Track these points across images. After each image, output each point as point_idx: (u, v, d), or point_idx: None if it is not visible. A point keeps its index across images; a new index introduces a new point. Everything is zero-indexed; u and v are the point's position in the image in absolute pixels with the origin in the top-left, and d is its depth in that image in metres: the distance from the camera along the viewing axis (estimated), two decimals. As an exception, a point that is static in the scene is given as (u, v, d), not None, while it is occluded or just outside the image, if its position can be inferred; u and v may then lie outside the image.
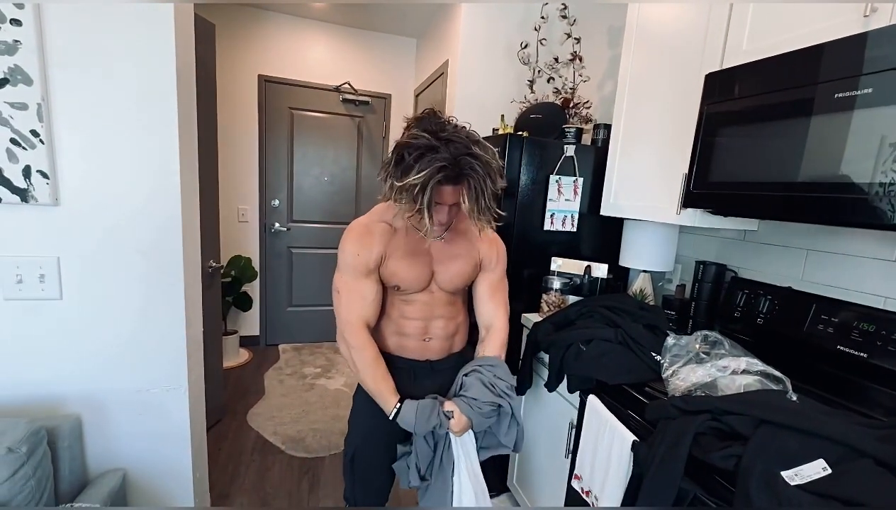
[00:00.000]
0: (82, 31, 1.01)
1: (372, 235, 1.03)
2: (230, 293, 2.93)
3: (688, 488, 0.84)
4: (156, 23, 1.07)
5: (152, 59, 1.08)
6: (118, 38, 1.04)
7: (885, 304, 1.07)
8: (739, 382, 1.01)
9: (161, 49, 1.08)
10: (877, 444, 0.73)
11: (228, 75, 2.87)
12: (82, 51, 1.02)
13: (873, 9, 0.87)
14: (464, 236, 1.12)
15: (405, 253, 1.05)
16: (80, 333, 1.12)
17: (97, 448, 1.18)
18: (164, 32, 1.08)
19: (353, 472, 1.17)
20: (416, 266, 1.06)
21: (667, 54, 1.41)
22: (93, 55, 1.03)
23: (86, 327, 1.12)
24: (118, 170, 1.09)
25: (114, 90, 1.06)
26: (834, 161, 0.88)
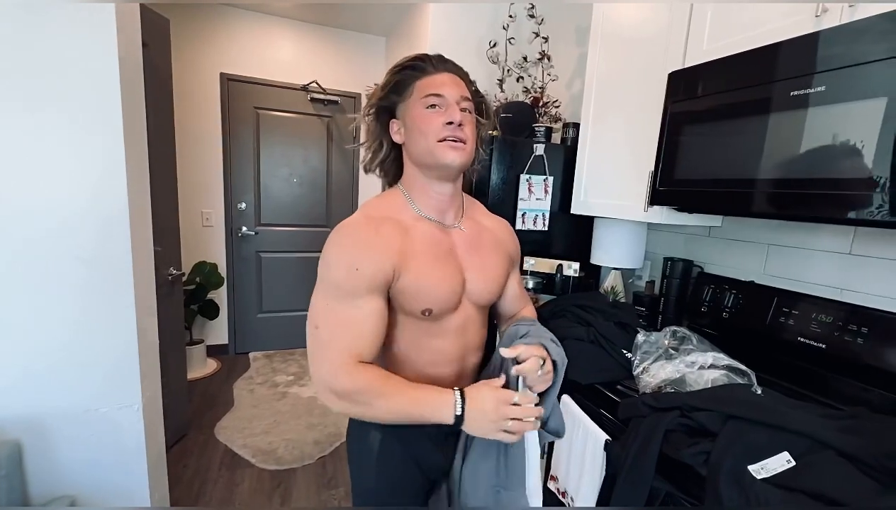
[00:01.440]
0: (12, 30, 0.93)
1: (378, 237, 0.73)
2: (195, 301, 2.80)
3: (660, 486, 0.84)
4: (95, 14, 0.99)
5: (91, 54, 1.00)
6: (50, 30, 0.96)
7: (841, 296, 1.11)
8: (707, 377, 1.02)
9: (101, 43, 1.01)
10: (837, 435, 0.74)
11: (188, 74, 2.75)
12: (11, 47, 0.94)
13: (824, 9, 0.89)
14: (485, 225, 0.91)
15: (429, 258, 0.77)
16: (16, 352, 1.03)
17: (41, 474, 1.09)
18: (104, 25, 1.00)
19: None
20: (448, 275, 0.78)
21: (631, 53, 1.42)
22: (19, 48, 0.95)
23: (23, 345, 1.03)
24: (52, 172, 1.01)
25: (46, 88, 0.98)
26: (790, 158, 0.90)
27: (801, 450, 0.74)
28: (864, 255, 1.07)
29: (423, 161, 0.79)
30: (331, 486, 1.90)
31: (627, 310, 1.37)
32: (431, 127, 0.76)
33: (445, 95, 0.76)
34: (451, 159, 0.76)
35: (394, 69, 0.81)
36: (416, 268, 0.75)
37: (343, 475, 1.98)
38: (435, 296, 0.76)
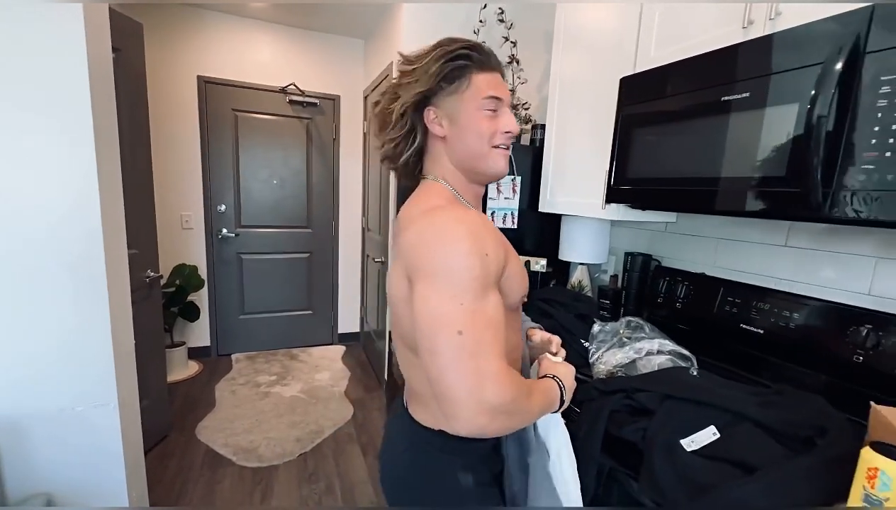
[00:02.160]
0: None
1: (482, 218, 0.69)
2: (175, 303, 2.80)
3: (605, 463, 0.91)
4: (64, 23, 1.02)
5: (60, 61, 1.03)
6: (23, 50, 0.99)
7: (777, 285, 1.20)
8: (655, 362, 1.10)
9: (70, 50, 1.04)
10: (756, 409, 0.82)
11: (164, 77, 2.75)
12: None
13: (750, 21, 0.97)
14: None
15: (508, 247, 0.73)
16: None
17: (18, 473, 1.11)
18: (72, 34, 1.03)
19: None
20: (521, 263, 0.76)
21: (591, 57, 1.50)
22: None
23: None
24: (33, 183, 1.03)
25: (15, 96, 1.00)
26: (725, 159, 0.98)
27: (725, 423, 0.82)
28: (798, 247, 1.16)
29: (469, 164, 0.74)
30: (312, 481, 1.94)
31: (588, 303, 1.45)
32: (490, 131, 0.71)
33: (503, 99, 0.73)
34: (502, 168, 0.75)
35: (446, 55, 0.70)
36: (511, 254, 0.72)
37: (324, 470, 2.02)
38: (523, 283, 0.75)
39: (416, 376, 0.75)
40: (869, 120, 0.74)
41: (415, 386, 0.77)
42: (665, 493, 0.77)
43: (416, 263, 0.63)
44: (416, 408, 0.78)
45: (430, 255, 0.62)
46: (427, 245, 0.62)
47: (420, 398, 0.76)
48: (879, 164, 0.73)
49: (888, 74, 0.71)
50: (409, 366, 0.76)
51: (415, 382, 0.76)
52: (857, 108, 0.75)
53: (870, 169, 0.74)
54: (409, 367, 0.76)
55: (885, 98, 0.72)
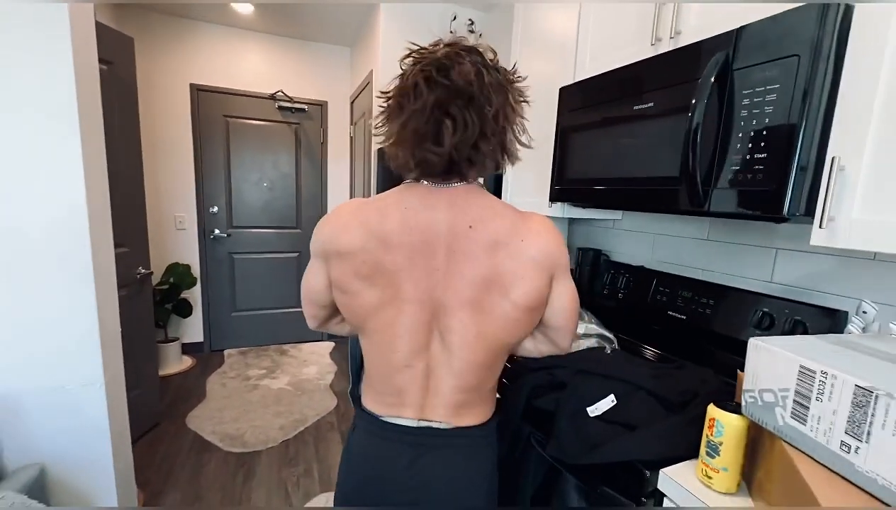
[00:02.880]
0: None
1: None
2: (169, 300, 2.94)
3: (525, 429, 1.03)
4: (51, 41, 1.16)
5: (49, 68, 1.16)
6: (16, 67, 1.13)
7: (702, 275, 1.32)
8: (585, 344, 1.22)
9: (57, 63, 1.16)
10: (650, 380, 0.93)
11: (158, 85, 2.90)
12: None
13: (658, 38, 1.09)
14: None
15: None
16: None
17: (13, 444, 1.24)
18: (60, 52, 1.16)
19: None
20: None
21: (542, 63, 1.61)
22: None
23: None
24: (22, 187, 1.17)
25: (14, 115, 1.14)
26: (637, 162, 1.10)
27: (622, 392, 0.93)
28: (716, 240, 1.28)
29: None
30: (291, 465, 2.07)
31: (536, 294, 1.56)
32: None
33: None
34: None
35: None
36: None
37: (304, 455, 2.15)
38: None
39: (486, 374, 0.76)
40: (736, 127, 0.86)
41: (478, 384, 0.75)
42: (565, 450, 0.88)
43: (562, 262, 0.74)
44: (477, 411, 0.78)
45: (564, 250, 0.75)
46: (561, 245, 0.74)
47: (483, 388, 0.77)
48: (743, 164, 0.85)
49: (748, 88, 0.83)
50: (486, 367, 0.75)
51: (479, 380, 0.75)
52: (728, 117, 0.87)
53: (736, 169, 0.86)
54: (485, 368, 0.75)
55: (745, 109, 0.84)
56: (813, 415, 0.56)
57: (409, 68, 0.69)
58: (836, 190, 0.74)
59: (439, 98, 0.64)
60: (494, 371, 0.79)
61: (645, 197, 1.08)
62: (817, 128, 0.76)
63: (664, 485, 0.76)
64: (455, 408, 0.74)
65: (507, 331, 0.73)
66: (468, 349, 0.72)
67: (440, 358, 0.73)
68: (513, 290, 0.69)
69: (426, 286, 0.70)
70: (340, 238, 0.70)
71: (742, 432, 0.68)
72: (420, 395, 0.74)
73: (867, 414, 0.49)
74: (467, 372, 0.73)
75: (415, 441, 0.74)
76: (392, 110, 0.70)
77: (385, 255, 0.69)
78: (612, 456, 0.81)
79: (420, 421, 0.75)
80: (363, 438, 0.78)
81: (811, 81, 0.74)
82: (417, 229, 0.69)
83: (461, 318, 0.70)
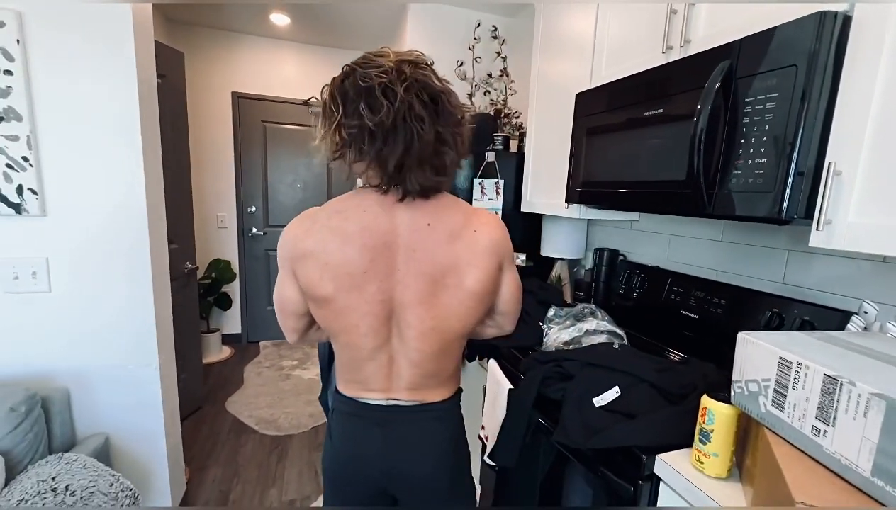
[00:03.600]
0: (58, 74, 1.27)
1: None
2: (210, 294, 3.17)
3: (535, 416, 1.10)
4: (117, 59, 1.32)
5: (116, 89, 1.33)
6: (89, 80, 1.30)
7: (716, 276, 1.34)
8: (596, 339, 1.28)
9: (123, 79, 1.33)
10: (654, 374, 0.98)
11: (204, 95, 3.12)
12: (60, 91, 1.27)
13: (669, 46, 1.13)
14: None
15: None
16: (67, 320, 1.37)
17: (83, 415, 1.42)
18: (125, 67, 1.33)
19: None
20: None
21: (561, 66, 1.67)
22: (68, 94, 1.28)
23: (72, 315, 1.37)
24: (94, 186, 1.34)
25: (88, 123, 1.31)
26: (648, 165, 1.14)
27: (627, 385, 0.99)
28: (730, 241, 1.30)
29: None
30: (320, 449, 2.21)
31: (552, 292, 1.62)
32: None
33: None
34: None
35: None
36: None
37: (332, 441, 2.28)
38: None
39: (444, 361, 0.83)
40: (738, 133, 0.89)
41: (436, 370, 0.83)
42: (570, 436, 0.95)
43: (509, 252, 0.83)
44: (438, 390, 0.85)
45: (510, 245, 0.84)
46: (507, 237, 0.83)
47: (442, 373, 0.84)
48: (745, 169, 0.88)
49: (750, 96, 0.87)
50: (443, 354, 0.81)
51: (438, 365, 0.82)
52: (731, 123, 0.91)
53: (738, 173, 0.89)
54: (442, 356, 0.81)
55: (748, 116, 0.87)
56: (790, 403, 0.60)
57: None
58: (833, 194, 0.77)
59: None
60: (452, 358, 0.85)
61: (657, 199, 1.13)
62: (815, 134, 0.79)
63: (660, 470, 0.81)
64: (416, 389, 0.83)
65: (460, 320, 0.79)
66: (423, 341, 0.78)
67: (399, 349, 0.80)
68: (467, 277, 0.76)
69: (387, 286, 0.75)
70: (305, 241, 0.73)
71: (731, 420, 0.73)
72: (385, 381, 0.82)
73: (833, 400, 0.54)
74: (424, 361, 0.80)
75: (384, 417, 0.83)
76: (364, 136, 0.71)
77: (348, 256, 0.72)
78: (612, 441, 0.87)
79: (388, 400, 0.83)
80: (341, 419, 0.86)
81: (808, 90, 0.77)
82: (379, 232, 0.73)
83: (417, 314, 0.76)
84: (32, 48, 1.23)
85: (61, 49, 1.25)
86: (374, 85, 0.67)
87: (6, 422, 1.15)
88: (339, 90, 0.71)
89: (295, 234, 0.75)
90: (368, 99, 0.68)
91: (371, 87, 0.67)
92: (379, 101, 0.67)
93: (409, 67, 0.70)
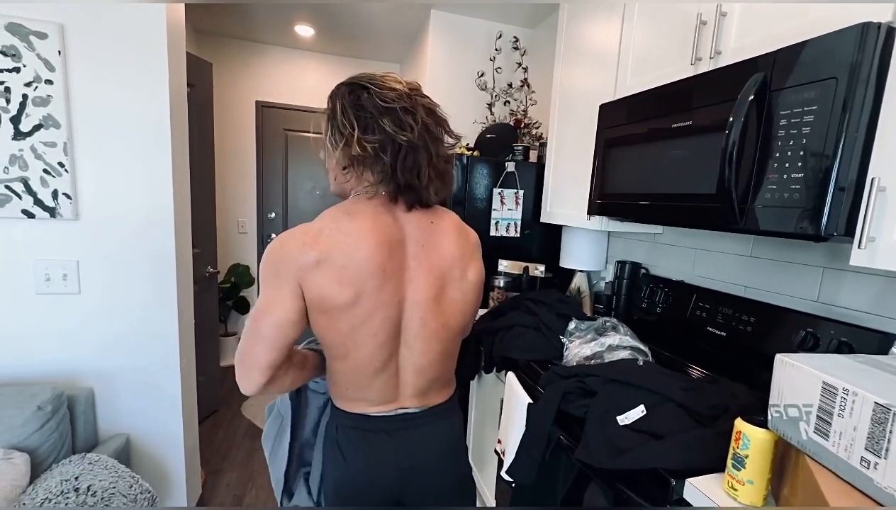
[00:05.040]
0: (95, 84, 1.31)
1: None
2: (230, 297, 3.22)
3: (555, 433, 1.07)
4: (152, 73, 1.36)
5: (148, 100, 1.37)
6: (124, 90, 1.34)
7: (745, 293, 1.29)
8: (619, 355, 1.24)
9: (155, 90, 1.37)
10: (680, 393, 0.95)
11: (230, 103, 3.21)
12: (96, 100, 1.32)
13: (698, 57, 1.11)
14: None
15: None
16: (95, 322, 1.40)
17: (107, 415, 1.45)
18: (157, 76, 1.37)
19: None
20: None
21: (584, 76, 1.66)
22: (104, 103, 1.33)
23: (99, 317, 1.40)
24: (124, 191, 1.38)
25: (120, 131, 1.35)
26: (675, 177, 1.12)
27: (652, 403, 0.96)
28: (760, 257, 1.26)
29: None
30: (334, 457, 2.20)
31: (572, 305, 1.59)
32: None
33: None
34: None
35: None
36: None
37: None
38: None
39: (447, 362, 0.89)
40: (773, 146, 0.87)
41: (440, 374, 0.87)
42: (593, 454, 0.92)
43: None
44: (441, 392, 0.89)
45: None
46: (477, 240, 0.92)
47: (445, 376, 0.90)
48: (780, 183, 0.85)
49: (786, 109, 0.85)
50: (447, 356, 0.87)
51: (443, 368, 0.88)
52: (765, 137, 0.88)
53: (773, 188, 0.87)
54: (446, 357, 0.87)
55: (783, 129, 0.85)
56: (835, 431, 0.57)
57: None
58: (877, 210, 0.74)
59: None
60: (452, 358, 0.91)
61: (683, 213, 1.10)
62: (857, 148, 0.76)
63: (689, 495, 0.78)
64: (422, 395, 0.86)
65: (464, 315, 0.87)
66: (430, 343, 0.82)
67: (407, 358, 0.82)
68: (469, 269, 0.85)
69: (401, 286, 0.78)
70: (315, 249, 0.71)
71: (768, 446, 0.69)
72: (392, 393, 0.83)
73: (885, 430, 0.51)
74: (429, 367, 0.84)
75: (393, 426, 0.84)
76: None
77: (366, 254, 0.72)
78: (638, 462, 0.84)
79: (396, 410, 0.85)
80: (350, 434, 0.83)
81: (850, 103, 0.75)
82: (387, 230, 0.76)
83: (431, 310, 0.80)
84: (72, 59, 1.28)
85: (99, 60, 1.30)
86: (396, 106, 0.75)
87: (33, 421, 1.18)
88: (353, 106, 0.76)
89: (301, 244, 0.71)
90: (392, 117, 0.74)
91: (393, 108, 0.75)
92: (405, 121, 0.75)
93: (418, 95, 0.80)
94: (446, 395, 0.91)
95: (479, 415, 1.81)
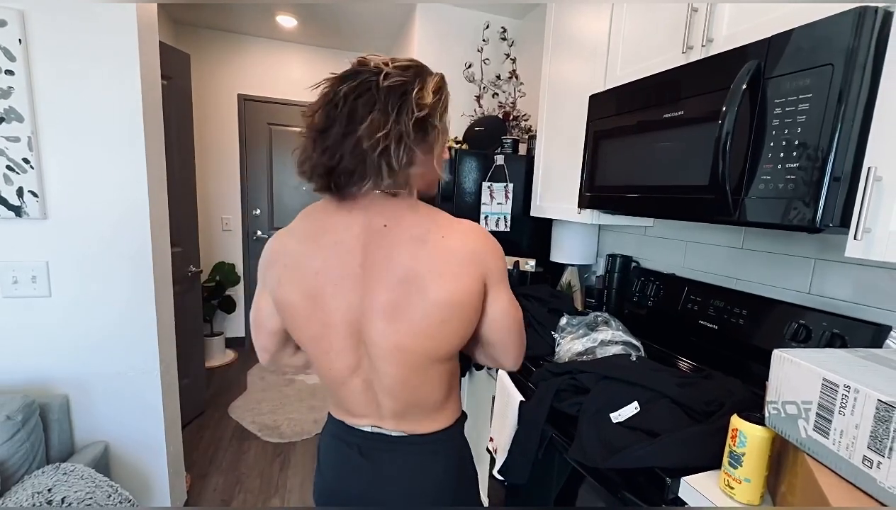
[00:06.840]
0: (61, 74, 1.24)
1: None
2: (215, 297, 3.14)
3: (548, 431, 1.05)
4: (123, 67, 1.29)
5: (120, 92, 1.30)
6: (92, 80, 1.27)
7: (736, 285, 1.28)
8: (611, 350, 1.23)
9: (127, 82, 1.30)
10: (675, 389, 0.94)
11: (211, 97, 3.11)
12: (62, 91, 1.25)
13: (689, 46, 1.09)
14: None
15: None
16: (67, 325, 1.34)
17: (83, 422, 1.39)
18: (128, 66, 1.30)
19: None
20: None
21: (573, 67, 1.62)
22: (71, 94, 1.26)
23: (71, 320, 1.34)
24: (95, 188, 1.31)
25: (90, 125, 1.28)
26: (666, 169, 1.10)
27: (647, 400, 0.94)
28: (751, 249, 1.25)
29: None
30: (324, 457, 2.16)
31: (563, 300, 1.57)
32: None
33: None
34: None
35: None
36: None
37: (336, 448, 2.24)
38: None
39: (422, 389, 0.73)
40: (767, 136, 0.85)
41: (415, 400, 0.74)
42: (587, 453, 0.90)
43: (494, 266, 0.70)
44: (426, 421, 0.77)
45: (501, 259, 0.71)
46: (494, 249, 0.70)
47: (425, 403, 0.75)
48: (774, 174, 0.83)
49: (780, 97, 0.82)
50: (422, 381, 0.72)
51: (418, 394, 0.73)
52: (759, 126, 0.86)
53: (767, 179, 0.85)
54: (420, 383, 0.72)
55: (777, 118, 0.83)
56: (835, 429, 0.56)
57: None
58: (873, 201, 0.72)
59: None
60: (432, 386, 0.74)
61: (675, 205, 1.08)
62: (853, 137, 0.75)
63: (685, 493, 0.76)
64: (401, 419, 0.75)
65: (432, 339, 0.67)
66: (390, 364, 0.69)
67: (371, 374, 0.72)
68: (431, 289, 0.64)
69: (350, 294, 0.67)
70: (272, 248, 0.73)
71: (765, 443, 0.68)
72: (367, 407, 0.75)
73: (889, 429, 0.49)
74: (397, 388, 0.71)
75: (369, 445, 0.77)
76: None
77: (306, 256, 0.68)
78: (633, 461, 0.82)
79: (373, 427, 0.77)
80: (329, 441, 0.83)
81: (846, 91, 0.73)
82: (333, 229, 0.68)
83: (379, 328, 0.67)
84: (34, 48, 1.20)
85: (64, 49, 1.23)
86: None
87: (2, 431, 1.12)
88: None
89: (269, 244, 0.75)
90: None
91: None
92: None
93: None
94: (436, 425, 0.77)
95: (471, 413, 1.78)
